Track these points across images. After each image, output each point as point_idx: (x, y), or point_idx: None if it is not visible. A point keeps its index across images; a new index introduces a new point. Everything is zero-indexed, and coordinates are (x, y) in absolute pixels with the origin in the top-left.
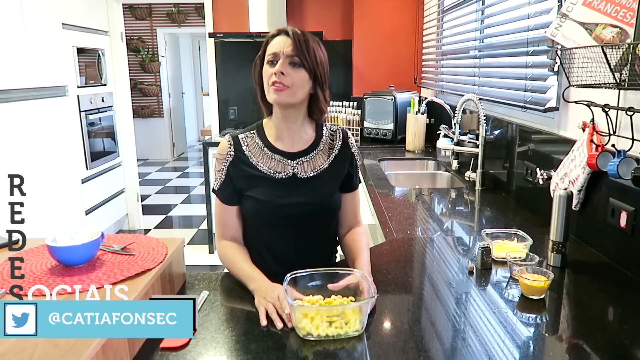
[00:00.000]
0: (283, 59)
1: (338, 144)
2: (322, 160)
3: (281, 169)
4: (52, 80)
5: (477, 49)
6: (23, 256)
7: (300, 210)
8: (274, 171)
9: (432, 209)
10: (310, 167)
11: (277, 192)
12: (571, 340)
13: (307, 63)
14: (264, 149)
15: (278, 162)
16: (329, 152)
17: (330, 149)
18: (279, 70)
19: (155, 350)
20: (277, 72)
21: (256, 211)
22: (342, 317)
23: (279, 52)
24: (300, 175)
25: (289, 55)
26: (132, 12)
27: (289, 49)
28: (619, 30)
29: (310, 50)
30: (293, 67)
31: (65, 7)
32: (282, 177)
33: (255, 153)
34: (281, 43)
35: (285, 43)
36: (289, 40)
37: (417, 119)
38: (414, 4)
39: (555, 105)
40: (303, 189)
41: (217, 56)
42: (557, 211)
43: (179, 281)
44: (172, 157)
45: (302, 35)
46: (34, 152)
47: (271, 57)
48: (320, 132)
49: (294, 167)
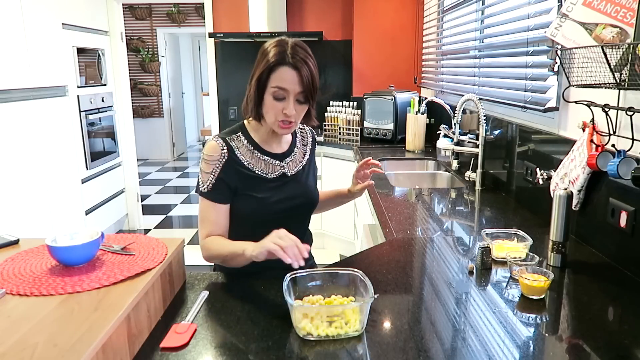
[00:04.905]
0: (292, 97)
1: (309, 141)
2: (300, 156)
3: (271, 170)
4: (52, 80)
5: (477, 49)
6: (23, 256)
7: (293, 204)
8: (266, 172)
9: (432, 209)
10: (294, 164)
11: (272, 190)
12: (571, 340)
13: (312, 97)
14: (253, 152)
15: (267, 163)
16: (303, 149)
17: (304, 146)
18: (292, 113)
19: (155, 350)
20: (291, 114)
21: (254, 210)
22: (342, 317)
23: (288, 90)
24: (288, 173)
25: (297, 93)
26: (132, 12)
27: (297, 87)
28: (619, 30)
29: (314, 83)
30: (299, 103)
31: (65, 7)
32: (274, 176)
33: (244, 154)
34: (290, 79)
35: (294, 79)
36: (297, 77)
37: (417, 119)
38: (414, 4)
39: (555, 105)
40: (292, 185)
41: (217, 56)
42: (557, 211)
43: (179, 281)
44: (172, 157)
45: (306, 66)
46: (34, 152)
47: (279, 94)
48: (295, 133)
49: (282, 167)
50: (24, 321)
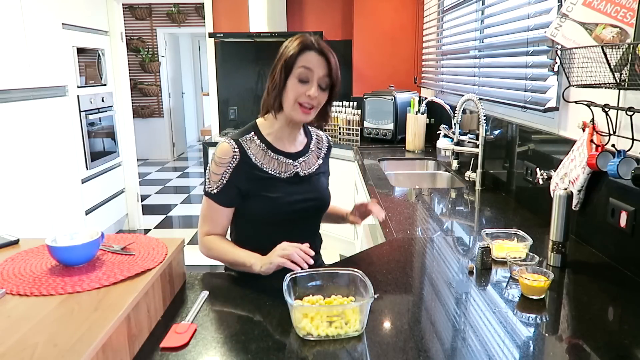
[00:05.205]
0: (317, 81)
1: (324, 146)
2: (314, 159)
3: (284, 169)
4: (52, 80)
5: (477, 49)
6: (23, 256)
7: (306, 205)
8: (279, 171)
9: (432, 209)
10: (307, 165)
11: (286, 190)
12: (571, 340)
13: (336, 84)
14: (266, 151)
15: (280, 162)
16: (318, 153)
17: (319, 149)
18: (315, 95)
19: (155, 350)
20: (313, 96)
21: (268, 210)
22: (342, 317)
23: (314, 72)
24: (301, 173)
25: (322, 77)
26: (132, 12)
27: (323, 70)
28: (619, 30)
29: (338, 73)
30: (322, 90)
31: (65, 7)
32: (287, 176)
33: (256, 154)
34: (316, 63)
35: (320, 63)
36: (323, 61)
37: (417, 119)
38: (414, 4)
39: (555, 105)
40: (305, 186)
41: (217, 56)
42: (557, 211)
43: (179, 281)
44: (172, 157)
45: (332, 55)
46: (34, 152)
47: (305, 75)
48: (310, 135)
49: (295, 167)
50: (24, 321)
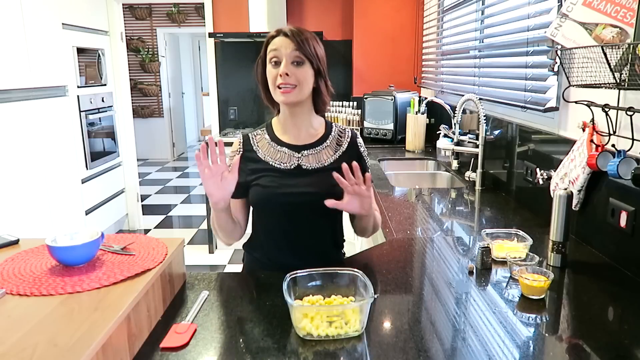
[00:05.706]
0: (286, 59)
1: (346, 142)
2: (327, 155)
3: (287, 160)
4: (52, 80)
5: (477, 49)
6: (23, 256)
7: (302, 199)
8: (280, 162)
9: (432, 209)
10: (315, 160)
11: (281, 181)
12: (571, 340)
13: (309, 58)
14: (271, 143)
15: (284, 154)
16: (335, 149)
17: (338, 145)
18: (284, 71)
19: (155, 350)
20: (282, 73)
21: (260, 199)
22: (342, 317)
23: (281, 52)
24: (305, 166)
25: (291, 54)
26: (132, 12)
27: (290, 48)
28: (619, 30)
29: (310, 45)
30: (296, 66)
31: (65, 7)
32: (288, 167)
33: (262, 147)
34: (282, 43)
35: (286, 43)
36: (289, 40)
37: (417, 119)
38: (414, 4)
39: (555, 105)
40: (307, 180)
41: (217, 56)
42: (557, 211)
43: (179, 281)
44: (172, 157)
45: (300, 33)
46: (34, 152)
47: (274, 58)
48: (330, 130)
49: (299, 159)
50: (24, 321)
